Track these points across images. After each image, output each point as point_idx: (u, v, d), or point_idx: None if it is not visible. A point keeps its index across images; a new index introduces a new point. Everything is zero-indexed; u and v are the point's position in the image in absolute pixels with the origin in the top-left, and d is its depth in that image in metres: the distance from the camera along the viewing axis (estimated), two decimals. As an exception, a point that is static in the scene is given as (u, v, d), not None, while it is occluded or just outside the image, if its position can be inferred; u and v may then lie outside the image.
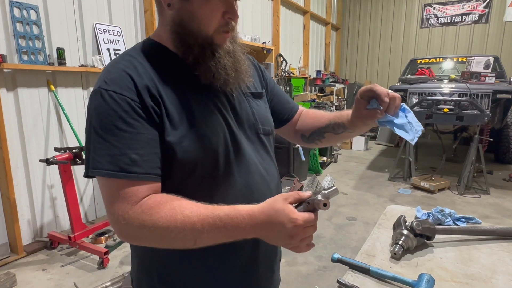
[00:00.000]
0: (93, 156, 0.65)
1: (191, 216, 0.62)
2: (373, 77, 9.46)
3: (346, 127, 0.89)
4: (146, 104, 0.66)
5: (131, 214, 0.63)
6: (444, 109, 4.02)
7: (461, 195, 4.04)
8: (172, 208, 0.63)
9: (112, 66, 0.71)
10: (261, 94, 0.89)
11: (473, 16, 8.03)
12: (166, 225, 0.62)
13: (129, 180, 0.64)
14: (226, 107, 0.77)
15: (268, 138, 0.87)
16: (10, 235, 2.59)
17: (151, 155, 0.66)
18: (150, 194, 0.66)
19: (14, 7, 2.51)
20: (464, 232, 1.28)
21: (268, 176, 0.83)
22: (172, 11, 0.72)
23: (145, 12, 3.61)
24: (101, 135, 0.64)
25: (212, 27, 0.71)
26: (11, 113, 2.58)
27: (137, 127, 0.65)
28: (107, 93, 0.65)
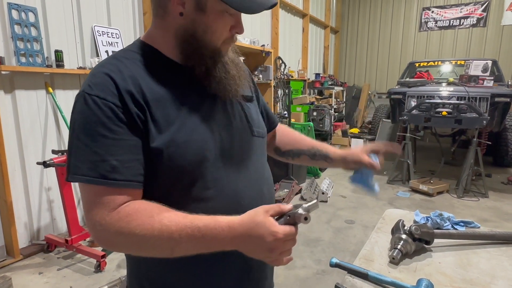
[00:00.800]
0: (73, 161, 0.65)
1: (169, 225, 0.61)
2: (372, 80, 9.49)
3: (328, 161, 1.02)
4: (129, 110, 0.66)
5: (108, 220, 0.62)
6: (442, 112, 4.03)
7: (459, 199, 4.04)
8: (150, 216, 0.62)
9: (97, 70, 0.69)
10: (251, 98, 0.90)
11: (471, 19, 8.08)
12: (143, 233, 0.61)
13: (108, 187, 0.63)
14: (217, 110, 0.77)
15: (261, 140, 0.87)
16: (7, 238, 2.57)
17: (132, 161, 0.65)
18: (129, 201, 0.65)
19: (13, 9, 2.51)
20: (463, 236, 1.28)
21: (260, 179, 0.82)
22: (184, 20, 0.71)
23: (144, 15, 3.61)
24: (83, 141, 0.64)
25: (221, 39, 0.73)
26: (9, 116, 2.57)
27: (119, 133, 0.64)
28: (91, 98, 0.65)
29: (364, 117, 8.90)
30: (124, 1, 3.41)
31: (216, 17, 0.69)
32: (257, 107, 0.94)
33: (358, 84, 9.45)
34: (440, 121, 4.11)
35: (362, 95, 9.02)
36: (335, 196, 4.16)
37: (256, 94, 0.95)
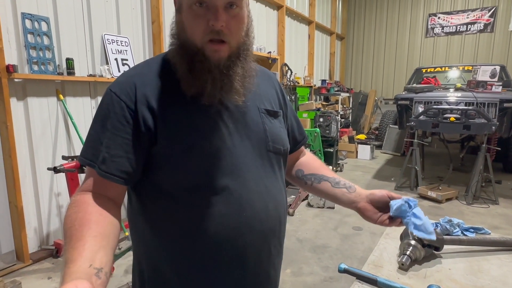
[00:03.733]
0: (85, 144, 0.74)
1: (65, 235, 0.61)
2: (378, 86, 9.47)
3: (350, 190, 0.94)
4: (138, 112, 0.70)
5: (72, 197, 0.70)
6: (450, 118, 4.00)
7: (469, 205, 3.98)
8: (71, 217, 0.63)
9: (128, 71, 0.77)
10: (276, 113, 0.87)
11: (478, 25, 8.04)
12: (64, 222, 0.65)
13: (96, 174, 0.70)
14: (230, 120, 0.76)
15: (277, 157, 0.85)
16: (17, 243, 2.61)
17: (121, 158, 0.69)
18: (101, 192, 0.70)
19: (26, 18, 2.58)
20: (473, 242, 1.26)
21: (266, 195, 0.80)
22: (175, 24, 0.75)
23: (153, 23, 3.67)
24: (95, 128, 0.72)
25: (197, 35, 0.69)
26: (21, 122, 2.62)
27: (118, 130, 0.70)
28: (110, 93, 0.72)
29: (370, 123, 8.87)
30: (133, 10, 3.48)
31: (187, 13, 0.69)
32: (283, 123, 0.91)
33: (365, 90, 9.43)
34: (448, 127, 4.07)
35: (368, 101, 9.00)
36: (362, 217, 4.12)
37: (284, 111, 0.92)
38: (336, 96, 7.62)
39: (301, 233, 3.25)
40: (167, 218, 0.75)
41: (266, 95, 0.87)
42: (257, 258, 0.80)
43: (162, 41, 3.70)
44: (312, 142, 5.28)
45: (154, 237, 0.77)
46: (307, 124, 6.15)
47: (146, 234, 0.78)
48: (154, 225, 0.77)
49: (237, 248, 0.76)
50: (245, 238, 0.76)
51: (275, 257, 0.87)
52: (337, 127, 5.73)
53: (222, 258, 0.75)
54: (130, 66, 3.41)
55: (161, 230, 0.77)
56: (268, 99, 0.88)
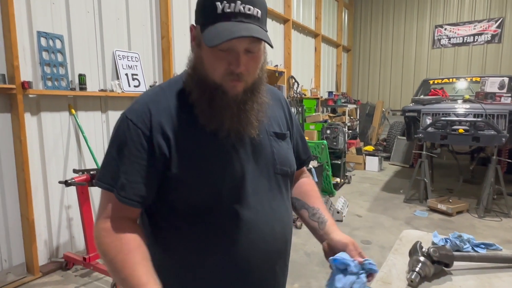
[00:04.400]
0: (102, 168, 0.78)
1: (117, 262, 0.70)
2: (385, 97, 9.45)
3: (320, 227, 0.92)
4: (153, 139, 0.73)
5: (99, 225, 0.74)
6: (459, 130, 3.97)
7: (481, 218, 3.90)
8: (114, 244, 0.72)
9: (141, 97, 0.79)
10: (284, 136, 0.90)
11: (486, 36, 8.02)
12: (104, 251, 0.72)
13: (116, 199, 0.74)
14: (240, 145, 0.79)
15: (285, 179, 0.87)
16: (27, 255, 2.64)
17: (138, 184, 0.73)
18: (124, 215, 0.75)
19: (42, 37, 2.68)
20: (484, 259, 1.24)
21: (273, 217, 0.82)
22: (192, 55, 0.78)
23: (162, 39, 3.77)
24: (112, 154, 0.76)
25: (217, 74, 0.73)
26: (34, 136, 2.69)
27: (136, 157, 0.73)
28: (126, 120, 0.76)
29: (378, 134, 8.82)
30: (143, 27, 3.58)
31: (207, 51, 0.72)
32: (290, 144, 0.93)
33: (372, 102, 9.42)
34: (457, 138, 4.04)
35: (376, 112, 8.98)
36: (350, 215, 4.09)
37: (291, 130, 0.95)
38: (343, 107, 7.63)
39: (309, 247, 3.23)
40: (177, 236, 0.78)
41: (275, 117, 0.89)
42: (262, 278, 0.82)
43: (171, 56, 3.79)
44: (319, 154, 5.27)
45: (163, 254, 0.80)
46: (314, 136, 6.15)
47: (155, 251, 0.80)
48: (163, 242, 0.80)
49: (243, 268, 0.78)
50: (251, 259, 0.79)
51: (280, 277, 0.89)
52: (344, 138, 5.71)
53: (228, 277, 0.78)
54: (140, 80, 3.49)
55: (170, 248, 0.80)
56: (277, 121, 0.90)
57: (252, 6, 0.70)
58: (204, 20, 0.72)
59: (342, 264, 0.79)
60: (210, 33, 0.69)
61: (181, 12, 4.04)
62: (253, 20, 0.71)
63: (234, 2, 0.69)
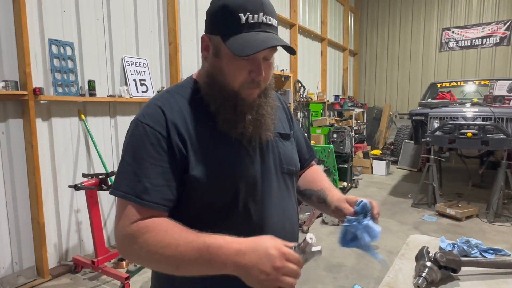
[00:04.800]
0: (117, 177, 0.75)
1: (178, 239, 0.66)
2: (393, 101, 9.40)
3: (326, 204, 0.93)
4: (171, 140, 0.74)
5: (128, 230, 0.70)
6: (467, 134, 3.93)
7: (491, 223, 3.85)
8: (164, 230, 0.68)
9: (152, 102, 0.80)
10: (288, 136, 0.94)
11: (494, 38, 7.95)
12: (154, 243, 0.67)
13: (138, 205, 0.71)
14: (250, 147, 0.81)
15: (291, 178, 0.91)
16: (38, 258, 2.68)
17: (163, 187, 0.73)
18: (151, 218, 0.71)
19: (53, 44, 2.74)
20: (492, 265, 1.23)
21: (282, 216, 0.85)
22: (208, 64, 0.80)
23: (170, 45, 3.82)
24: (127, 161, 0.74)
25: (237, 83, 0.76)
26: (45, 142, 2.75)
27: (157, 160, 0.73)
28: (142, 125, 0.75)
29: (386, 138, 8.76)
30: (151, 33, 3.64)
31: (228, 61, 0.75)
32: (294, 144, 0.97)
33: (379, 105, 9.38)
34: (466, 142, 4.00)
35: (383, 116, 8.93)
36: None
37: (293, 131, 0.98)
38: (349, 111, 7.60)
39: (315, 251, 3.21)
40: None
41: (278, 119, 0.92)
42: None
43: (178, 61, 3.84)
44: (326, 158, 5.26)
45: None
46: (320, 140, 6.14)
47: None
48: None
49: None
50: None
51: None
52: (351, 142, 5.69)
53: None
54: (148, 86, 3.54)
55: None
56: (280, 122, 0.93)
57: (272, 16, 0.75)
58: (225, 31, 0.74)
59: (347, 233, 0.82)
60: (238, 43, 0.71)
61: (188, 18, 4.10)
62: (273, 29, 0.75)
63: (257, 13, 0.72)
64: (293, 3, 6.30)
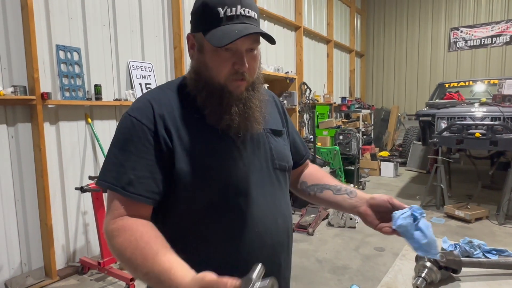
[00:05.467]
0: (103, 168, 0.76)
1: (136, 257, 0.66)
2: (401, 102, 9.30)
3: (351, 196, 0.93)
4: (158, 133, 0.75)
5: (108, 227, 0.72)
6: (475, 134, 3.86)
7: (501, 225, 3.76)
8: (129, 241, 0.68)
9: (142, 96, 0.82)
10: (280, 132, 0.94)
11: (504, 37, 7.81)
12: (121, 250, 0.69)
13: (122, 196, 0.73)
14: (242, 141, 0.82)
15: (283, 173, 0.91)
16: (46, 259, 2.74)
17: (148, 179, 0.74)
18: (133, 214, 0.73)
19: (60, 50, 2.81)
20: (494, 265, 1.22)
21: (275, 210, 0.85)
22: (194, 61, 0.82)
23: (175, 49, 3.87)
24: (114, 152, 0.76)
25: (222, 75, 0.78)
26: (52, 145, 2.81)
27: (143, 152, 0.74)
28: (130, 118, 0.77)
29: (394, 139, 8.67)
30: (156, 37, 3.70)
31: (211, 54, 0.77)
32: (287, 141, 0.97)
33: (387, 106, 9.29)
34: (474, 143, 3.93)
35: (391, 117, 8.84)
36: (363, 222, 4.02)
37: (286, 128, 0.99)
38: (357, 113, 7.55)
39: (320, 253, 3.19)
40: (182, 233, 0.80)
41: (270, 114, 0.93)
42: (268, 272, 0.82)
43: (183, 65, 3.88)
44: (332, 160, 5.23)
45: None
46: (327, 142, 6.11)
47: None
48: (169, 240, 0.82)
49: (250, 262, 0.79)
50: (257, 252, 0.81)
51: (285, 270, 0.91)
52: (357, 144, 5.65)
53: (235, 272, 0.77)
54: (153, 89, 3.58)
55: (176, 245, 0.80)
56: (272, 119, 0.94)
57: (250, 9, 0.77)
58: (206, 26, 0.76)
59: (407, 219, 0.80)
60: (216, 35, 0.73)
61: (193, 22, 4.14)
62: (252, 21, 0.77)
63: (235, 6, 0.74)
64: (298, 5, 6.31)
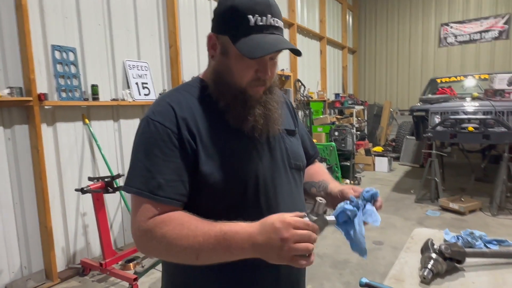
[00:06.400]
0: (129, 174, 0.77)
1: (195, 230, 0.69)
2: (393, 97, 9.41)
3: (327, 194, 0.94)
4: (182, 136, 0.76)
5: (145, 226, 0.71)
6: (468, 128, 3.94)
7: (494, 217, 3.86)
8: (181, 223, 0.70)
9: (161, 99, 0.82)
10: (294, 132, 0.96)
11: (493, 33, 7.95)
12: (172, 237, 0.69)
13: (152, 200, 0.73)
14: (260, 143, 0.84)
15: (298, 173, 0.93)
16: (46, 262, 2.71)
17: (176, 182, 0.74)
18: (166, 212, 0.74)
19: (56, 50, 2.77)
20: (496, 255, 1.25)
21: (294, 209, 0.85)
22: (215, 62, 0.83)
23: (170, 48, 3.85)
24: (139, 158, 0.76)
25: (244, 81, 0.80)
26: (50, 146, 2.78)
27: (169, 156, 0.75)
28: (153, 123, 0.77)
29: (387, 134, 8.77)
30: (152, 37, 3.67)
31: (236, 60, 0.78)
32: (299, 140, 1.00)
33: (379, 102, 9.39)
34: (467, 137, 4.01)
35: (383, 112, 8.94)
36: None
37: (297, 128, 1.01)
38: (350, 109, 7.62)
39: (321, 249, 3.24)
40: None
41: (283, 115, 0.94)
42: (289, 268, 0.85)
43: (179, 64, 3.87)
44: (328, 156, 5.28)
45: None
46: (322, 138, 6.16)
47: None
48: None
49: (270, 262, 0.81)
50: None
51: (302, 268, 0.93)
52: (352, 140, 5.71)
53: (257, 271, 0.80)
54: (150, 89, 3.57)
55: None
56: (286, 119, 0.96)
57: (278, 18, 0.78)
58: (234, 32, 0.76)
59: (342, 213, 0.76)
60: (247, 45, 0.74)
61: (188, 21, 4.12)
62: (280, 31, 0.79)
63: (265, 15, 0.75)
64: (291, 2, 6.32)
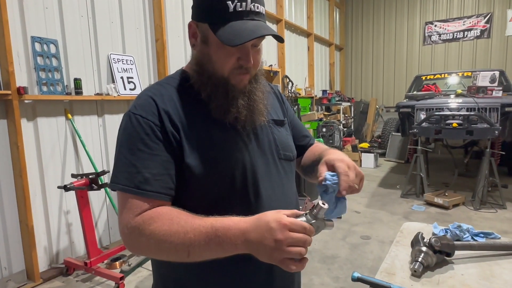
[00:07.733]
0: (114, 171, 0.74)
1: (185, 226, 0.65)
2: (379, 94, 9.54)
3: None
4: (165, 129, 0.73)
5: (133, 223, 0.69)
6: (453, 124, 4.03)
7: (477, 211, 3.97)
8: (170, 219, 0.67)
9: (143, 93, 0.79)
10: (282, 122, 0.94)
11: (475, 31, 8.15)
12: (162, 233, 0.66)
13: (139, 196, 0.70)
14: (246, 133, 0.81)
15: (288, 163, 0.90)
16: (27, 262, 2.62)
17: (163, 175, 0.72)
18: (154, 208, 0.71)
19: (36, 42, 2.66)
20: (484, 247, 1.27)
21: (283, 201, 0.85)
22: (196, 51, 0.80)
23: (156, 41, 3.77)
24: (123, 153, 0.73)
25: (226, 70, 0.76)
26: (31, 142, 2.67)
27: (154, 149, 0.72)
28: (134, 117, 0.74)
29: (373, 131, 8.90)
30: (137, 30, 3.58)
31: (217, 48, 0.75)
32: (289, 130, 0.97)
33: (365, 99, 9.50)
34: (451, 132, 4.10)
35: (370, 109, 9.06)
36: (349, 212, 4.13)
37: (288, 118, 0.98)
38: (337, 105, 7.68)
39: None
40: None
41: (271, 106, 0.92)
42: None
43: (166, 58, 3.79)
44: (316, 152, 5.29)
45: None
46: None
47: None
48: None
49: None
50: None
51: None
52: (340, 136, 5.76)
53: (249, 267, 0.78)
54: (136, 83, 3.48)
55: None
56: (274, 109, 0.93)
57: (259, 4, 0.75)
58: (214, 19, 0.73)
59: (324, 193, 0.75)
60: (226, 32, 0.71)
61: (175, 14, 4.04)
62: (261, 17, 0.75)
63: (245, 1, 0.72)
64: (279, -2, 6.30)
